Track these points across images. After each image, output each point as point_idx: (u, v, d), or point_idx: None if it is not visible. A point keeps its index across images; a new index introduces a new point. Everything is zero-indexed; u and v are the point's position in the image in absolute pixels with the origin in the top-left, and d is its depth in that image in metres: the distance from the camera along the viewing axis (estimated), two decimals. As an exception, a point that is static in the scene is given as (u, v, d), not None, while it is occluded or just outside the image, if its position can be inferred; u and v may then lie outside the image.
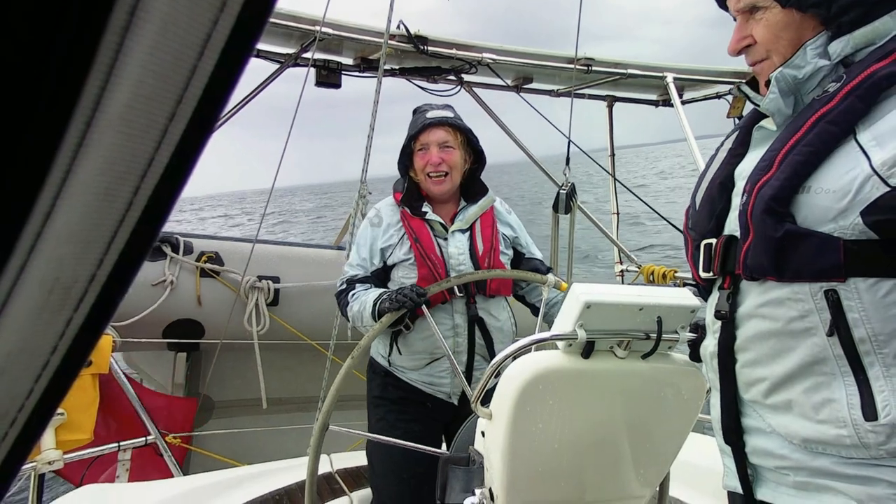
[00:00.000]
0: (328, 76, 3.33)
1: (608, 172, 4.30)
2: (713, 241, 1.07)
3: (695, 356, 1.33)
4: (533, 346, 1.29)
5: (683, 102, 3.94)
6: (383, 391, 2.00)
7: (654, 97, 4.24)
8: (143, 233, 0.24)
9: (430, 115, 2.01)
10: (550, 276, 1.99)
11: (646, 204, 3.76)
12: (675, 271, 3.77)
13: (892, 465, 0.86)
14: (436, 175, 1.96)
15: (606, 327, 1.22)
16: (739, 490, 1.05)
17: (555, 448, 1.30)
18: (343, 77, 3.42)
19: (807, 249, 0.91)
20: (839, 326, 0.89)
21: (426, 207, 1.99)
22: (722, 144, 1.15)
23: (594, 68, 3.64)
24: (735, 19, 1.06)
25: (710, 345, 1.11)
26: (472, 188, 2.07)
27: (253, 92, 3.38)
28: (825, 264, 0.89)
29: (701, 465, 2.43)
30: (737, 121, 3.78)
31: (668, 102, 4.04)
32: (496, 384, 1.32)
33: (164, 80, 0.21)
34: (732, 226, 1.04)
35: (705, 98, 4.07)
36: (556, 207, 3.69)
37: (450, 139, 1.98)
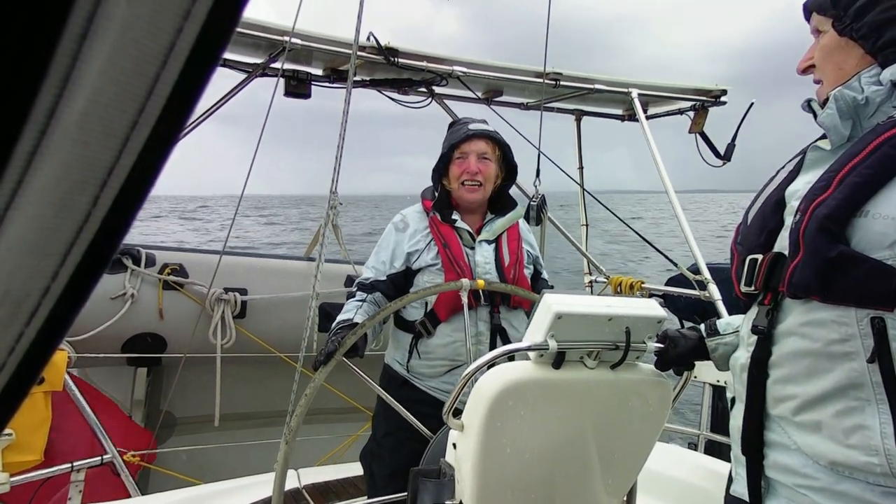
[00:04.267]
0: (297, 86, 3.31)
1: (578, 184, 4.37)
2: (759, 256, 1.07)
3: (661, 366, 1.36)
4: (505, 357, 1.29)
5: (648, 118, 4.04)
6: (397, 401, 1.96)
7: (619, 112, 4.34)
8: (102, 245, 0.23)
9: (472, 126, 2.07)
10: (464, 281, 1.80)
11: (614, 214, 3.82)
12: (643, 282, 3.83)
13: None
14: (471, 183, 2.01)
15: (577, 338, 1.23)
16: (746, 498, 1.05)
17: (525, 459, 1.30)
18: (313, 87, 3.40)
19: (859, 274, 0.90)
20: (881, 354, 0.88)
21: (455, 216, 2.03)
22: (783, 167, 1.17)
23: (562, 83, 3.71)
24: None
25: (741, 357, 1.11)
26: (499, 202, 2.12)
27: (220, 101, 3.32)
28: (875, 291, 0.89)
29: (666, 474, 2.47)
30: (699, 136, 3.89)
31: (633, 117, 4.14)
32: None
33: (125, 89, 0.20)
34: (783, 244, 1.04)
35: (668, 114, 4.18)
36: (527, 218, 3.73)
37: (488, 151, 2.04)
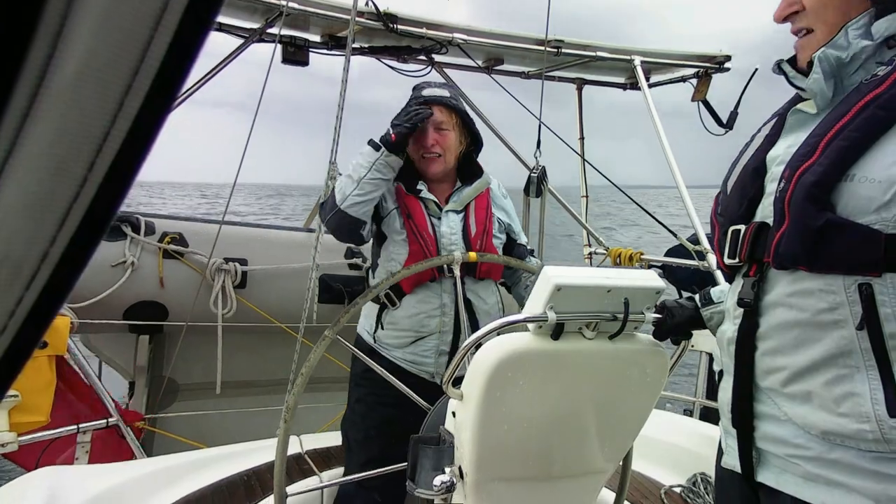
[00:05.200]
0: (295, 53, 3.25)
1: (578, 154, 4.34)
2: (742, 227, 1.04)
3: (658, 336, 1.37)
4: (504, 328, 1.30)
5: (650, 85, 3.98)
6: (366, 370, 1.95)
7: (622, 80, 4.28)
8: (99, 210, 0.23)
9: (426, 92, 1.97)
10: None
11: (614, 185, 3.80)
12: (642, 253, 3.84)
13: None
14: (429, 155, 1.95)
15: (575, 309, 1.24)
16: (738, 469, 1.05)
17: (524, 427, 1.33)
18: (311, 55, 3.35)
19: (845, 241, 0.87)
20: (870, 320, 0.87)
21: (421, 186, 1.98)
22: (759, 131, 1.12)
23: (564, 50, 3.65)
24: None
25: (728, 330, 1.09)
26: (468, 169, 2.06)
27: (217, 67, 3.27)
28: (863, 258, 0.86)
29: (662, 440, 2.51)
30: (701, 105, 3.84)
31: (635, 86, 4.08)
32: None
33: (118, 51, 0.20)
34: (765, 212, 1.00)
35: (671, 81, 4.12)
36: (527, 191, 3.72)
37: (445, 120, 1.95)
